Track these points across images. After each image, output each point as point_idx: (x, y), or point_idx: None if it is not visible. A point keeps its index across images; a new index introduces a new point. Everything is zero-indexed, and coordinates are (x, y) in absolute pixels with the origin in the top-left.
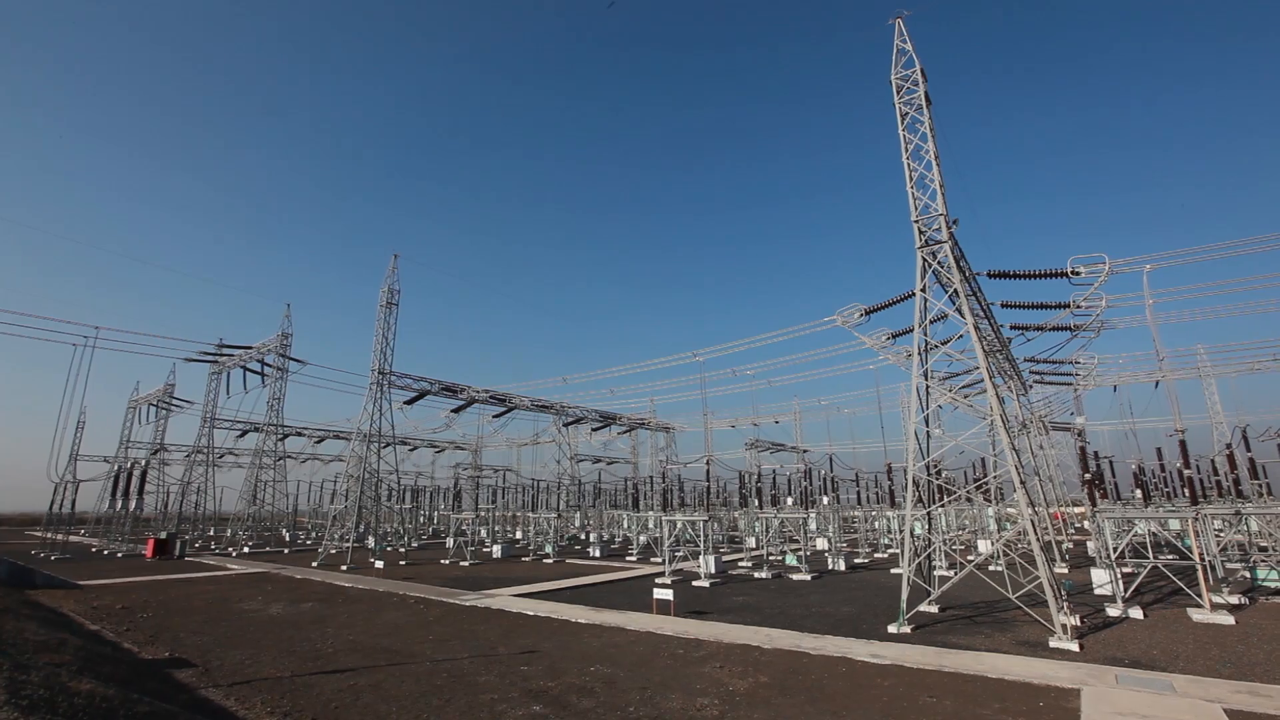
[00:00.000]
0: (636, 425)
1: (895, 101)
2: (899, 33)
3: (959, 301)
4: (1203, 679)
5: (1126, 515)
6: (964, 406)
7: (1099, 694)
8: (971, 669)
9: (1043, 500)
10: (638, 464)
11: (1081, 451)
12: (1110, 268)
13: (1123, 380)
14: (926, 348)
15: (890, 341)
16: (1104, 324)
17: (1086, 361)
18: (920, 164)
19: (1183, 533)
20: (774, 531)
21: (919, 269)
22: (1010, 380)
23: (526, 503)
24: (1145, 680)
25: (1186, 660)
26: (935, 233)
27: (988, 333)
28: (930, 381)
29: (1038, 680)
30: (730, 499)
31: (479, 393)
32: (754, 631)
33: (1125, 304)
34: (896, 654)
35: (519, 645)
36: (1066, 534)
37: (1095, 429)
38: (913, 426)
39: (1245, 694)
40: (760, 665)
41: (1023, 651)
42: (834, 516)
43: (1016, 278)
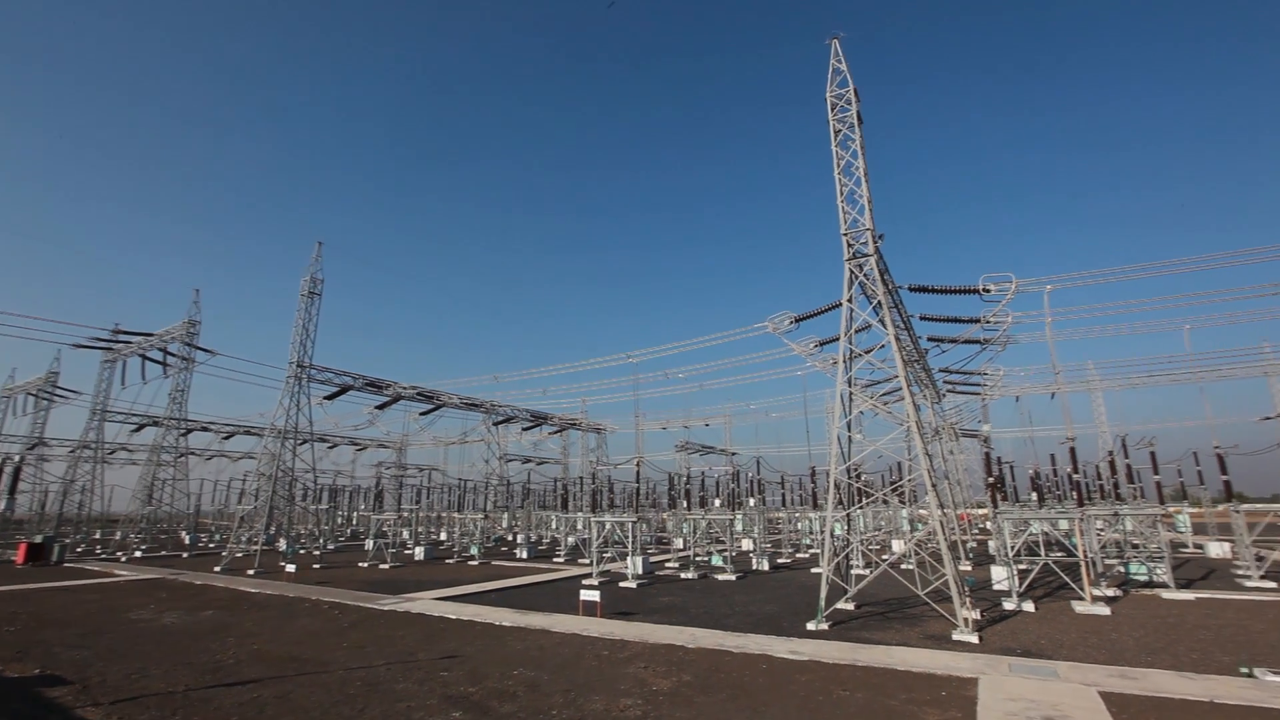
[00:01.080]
0: (568, 425)
1: (829, 118)
2: (835, 53)
3: (882, 313)
4: (1082, 665)
5: (1023, 516)
6: (883, 413)
7: (994, 682)
8: (882, 662)
9: (951, 502)
10: (568, 465)
11: (986, 457)
12: (1016, 287)
13: (1024, 391)
14: (851, 356)
15: (818, 349)
16: (1009, 339)
17: (993, 373)
18: (851, 180)
19: (1070, 532)
20: (701, 532)
21: (846, 280)
22: (926, 389)
23: (452, 503)
24: (1034, 668)
25: (1069, 648)
26: (862, 246)
27: (907, 344)
28: (853, 388)
29: (941, 671)
30: (659, 500)
31: (405, 389)
32: (679, 631)
33: (1028, 320)
34: (814, 650)
35: (440, 650)
36: (971, 534)
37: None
38: (835, 431)
39: (1117, 677)
40: (684, 664)
41: (929, 644)
42: (759, 518)
43: (934, 292)
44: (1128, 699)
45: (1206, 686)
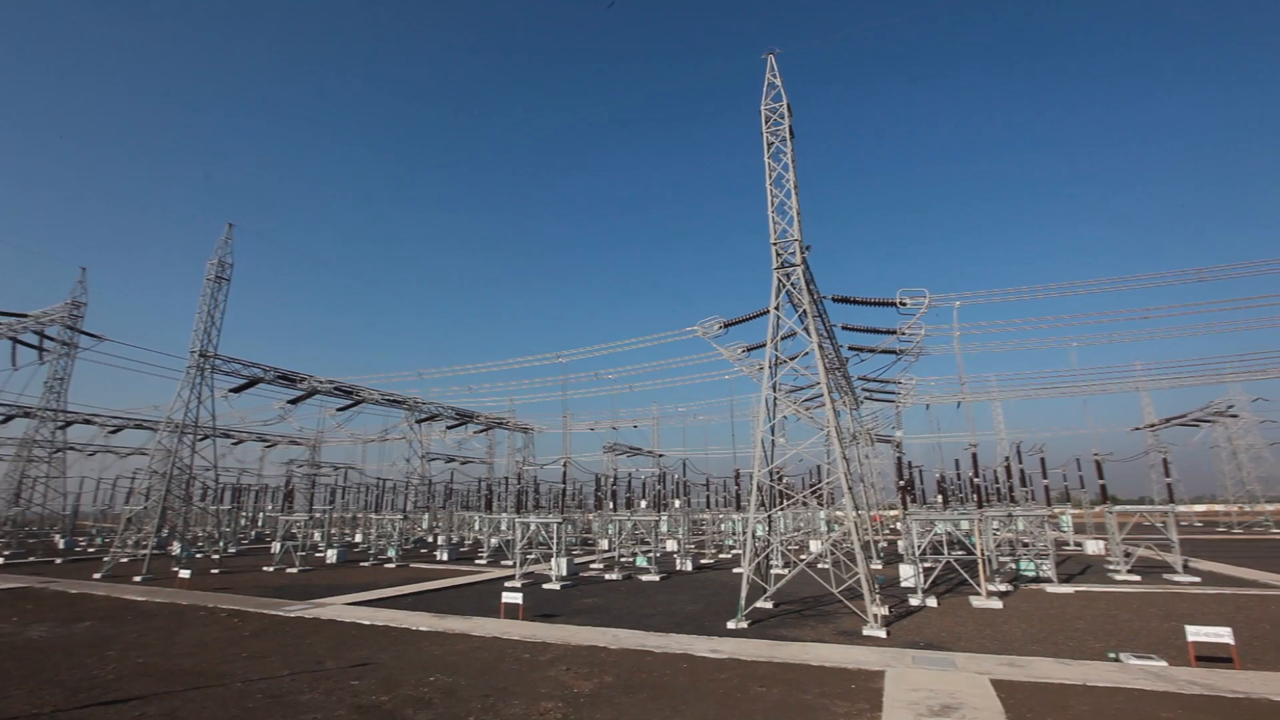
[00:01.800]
0: (494, 424)
1: (763, 131)
2: (770, 68)
3: (807, 321)
4: (977, 655)
5: (929, 517)
6: (806, 418)
7: (899, 674)
8: (798, 658)
9: (865, 504)
10: (493, 464)
11: (898, 461)
12: (929, 301)
13: (933, 400)
14: (776, 362)
15: (745, 354)
16: (922, 350)
17: (907, 382)
18: (781, 191)
19: (970, 532)
20: (627, 534)
21: (774, 288)
22: (845, 396)
23: (370, 503)
24: (935, 660)
25: (966, 640)
26: (790, 256)
27: (829, 352)
28: (778, 393)
29: (852, 665)
30: (586, 501)
31: (322, 383)
32: (601, 632)
33: (939, 334)
34: (734, 648)
35: (351, 658)
36: (883, 534)
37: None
38: (760, 435)
39: (1006, 665)
40: (606, 665)
41: (841, 640)
42: (684, 519)
43: (856, 303)
44: (1015, 685)
45: (1081, 671)
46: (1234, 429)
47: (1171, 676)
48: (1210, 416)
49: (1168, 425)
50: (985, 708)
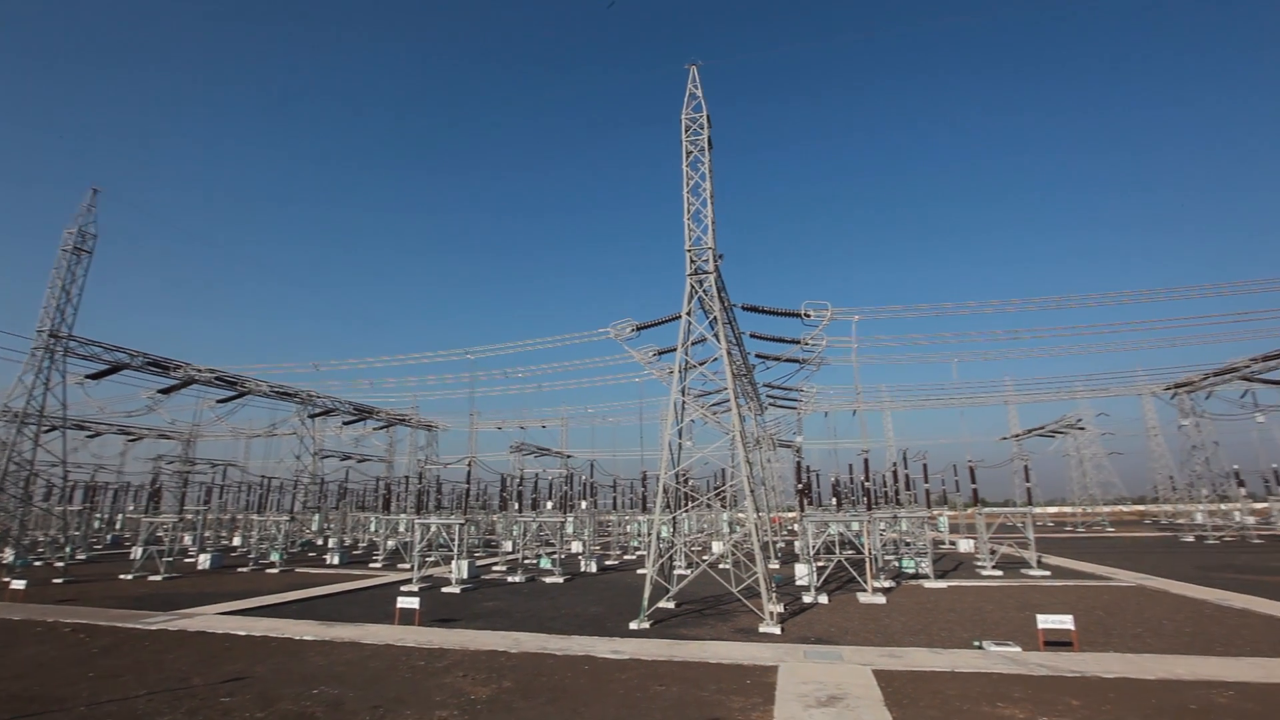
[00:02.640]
0: (396, 421)
1: (683, 139)
2: (692, 79)
3: (717, 328)
4: (862, 648)
5: (823, 519)
6: (712, 422)
7: (791, 668)
8: (697, 656)
9: (766, 506)
10: (393, 463)
11: (798, 466)
12: (831, 314)
13: (831, 408)
14: (686, 366)
15: (656, 358)
16: (823, 360)
17: (808, 390)
18: (698, 200)
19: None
20: (531, 535)
21: (686, 294)
22: (751, 401)
23: (252, 504)
24: (824, 653)
25: (853, 634)
26: (704, 264)
27: (737, 358)
28: (686, 397)
29: (748, 661)
30: (490, 502)
31: (200, 371)
32: (502, 636)
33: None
34: (635, 648)
35: (222, 672)
36: (781, 535)
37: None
38: (667, 437)
39: (887, 656)
40: (505, 670)
41: (739, 638)
42: (590, 521)
43: (764, 313)
44: (893, 674)
45: (950, 659)
46: (1081, 440)
47: (1024, 660)
48: (1063, 428)
49: (1029, 435)
50: (867, 696)
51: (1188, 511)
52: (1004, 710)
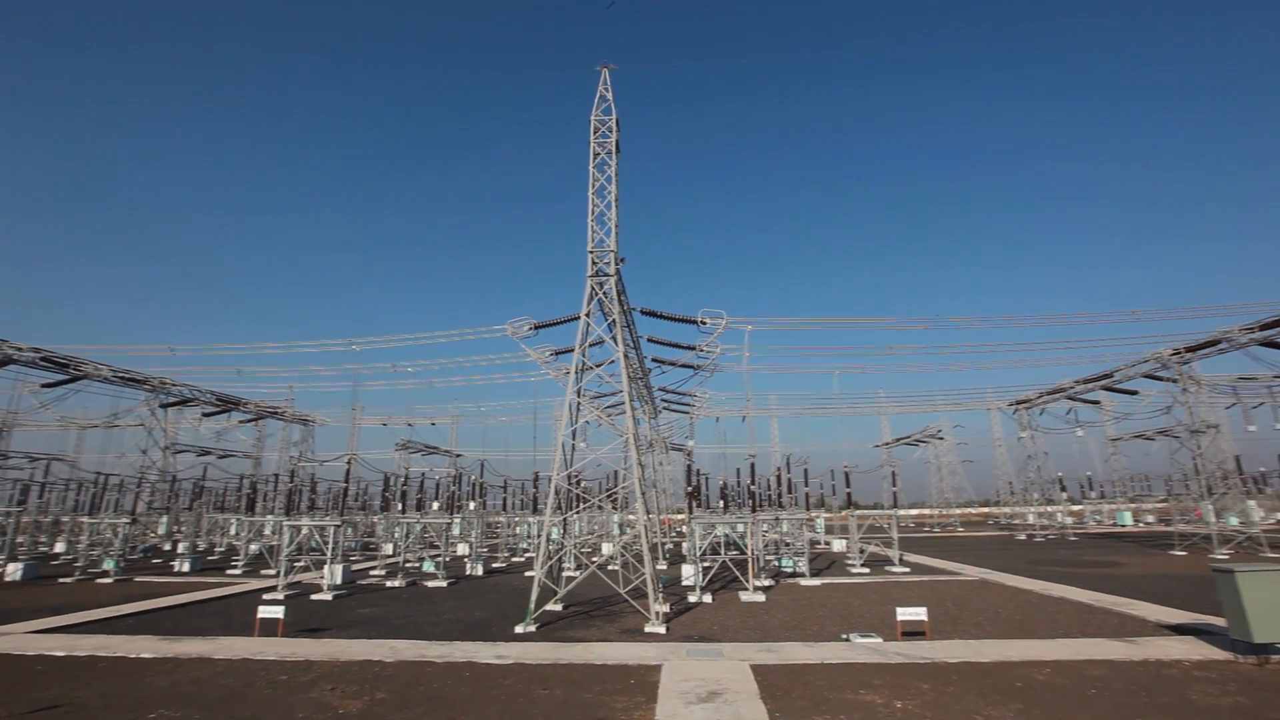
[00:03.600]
0: (267, 414)
1: (590, 140)
2: (603, 81)
3: (616, 330)
4: (741, 644)
5: (710, 521)
6: (607, 424)
7: (674, 666)
8: (583, 658)
9: (656, 508)
10: (261, 459)
11: (688, 469)
12: (727, 323)
13: (722, 413)
14: (583, 368)
15: (553, 358)
16: (716, 367)
17: (701, 395)
18: (603, 202)
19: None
20: (415, 537)
21: (586, 295)
22: (646, 405)
23: (84, 504)
24: (706, 651)
25: (734, 631)
26: (605, 265)
27: (634, 362)
28: (582, 399)
29: (632, 661)
30: (371, 503)
31: (20, 350)
32: (377, 645)
33: (733, 352)
34: (519, 653)
35: (33, 700)
36: (670, 537)
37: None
38: (561, 438)
39: (764, 651)
40: (380, 681)
41: (625, 638)
42: (479, 522)
43: (661, 318)
44: (769, 669)
45: (821, 652)
46: (940, 449)
47: (884, 650)
48: (925, 438)
49: (897, 444)
50: (744, 690)
51: (1022, 513)
52: (865, 697)
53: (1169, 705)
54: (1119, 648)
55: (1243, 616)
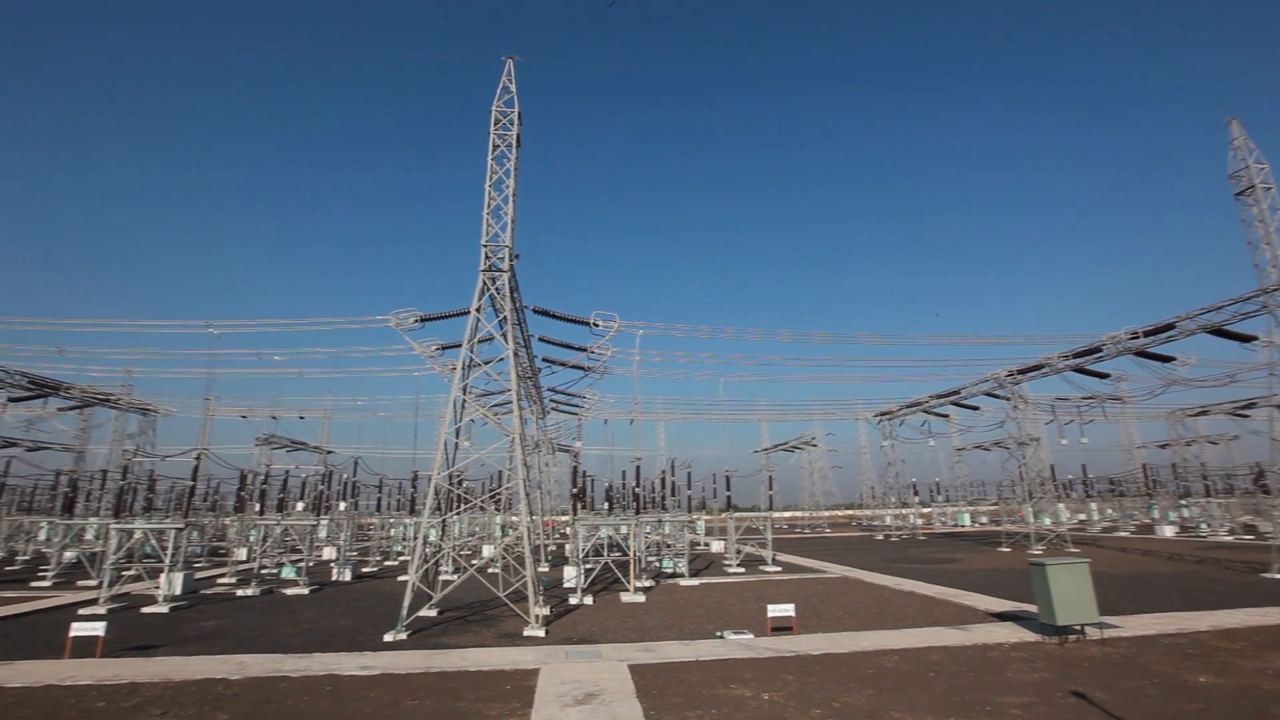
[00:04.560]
0: (96, 401)
1: (490, 131)
2: (507, 72)
3: (506, 328)
4: (620, 645)
5: (594, 522)
6: (493, 423)
7: (552, 669)
8: (456, 665)
9: (541, 510)
10: (86, 453)
11: (574, 470)
12: (619, 326)
13: (611, 416)
14: (471, 364)
15: (440, 352)
16: (607, 369)
17: (590, 397)
18: (500, 195)
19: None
20: (274, 540)
21: (478, 290)
22: (534, 405)
23: None
24: (585, 653)
25: (613, 632)
26: (499, 260)
27: (524, 360)
28: (468, 396)
29: (509, 666)
30: (224, 503)
31: None
32: (222, 661)
33: (624, 355)
34: (388, 662)
35: None
36: (554, 538)
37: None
38: (444, 436)
39: (642, 651)
40: (222, 701)
41: (502, 643)
42: (349, 524)
43: (554, 317)
44: (646, 668)
45: (696, 649)
46: (813, 455)
47: (755, 645)
48: (801, 445)
49: (775, 450)
50: (621, 690)
51: (881, 515)
52: (735, 691)
53: (991, 683)
54: (954, 635)
55: (1050, 603)
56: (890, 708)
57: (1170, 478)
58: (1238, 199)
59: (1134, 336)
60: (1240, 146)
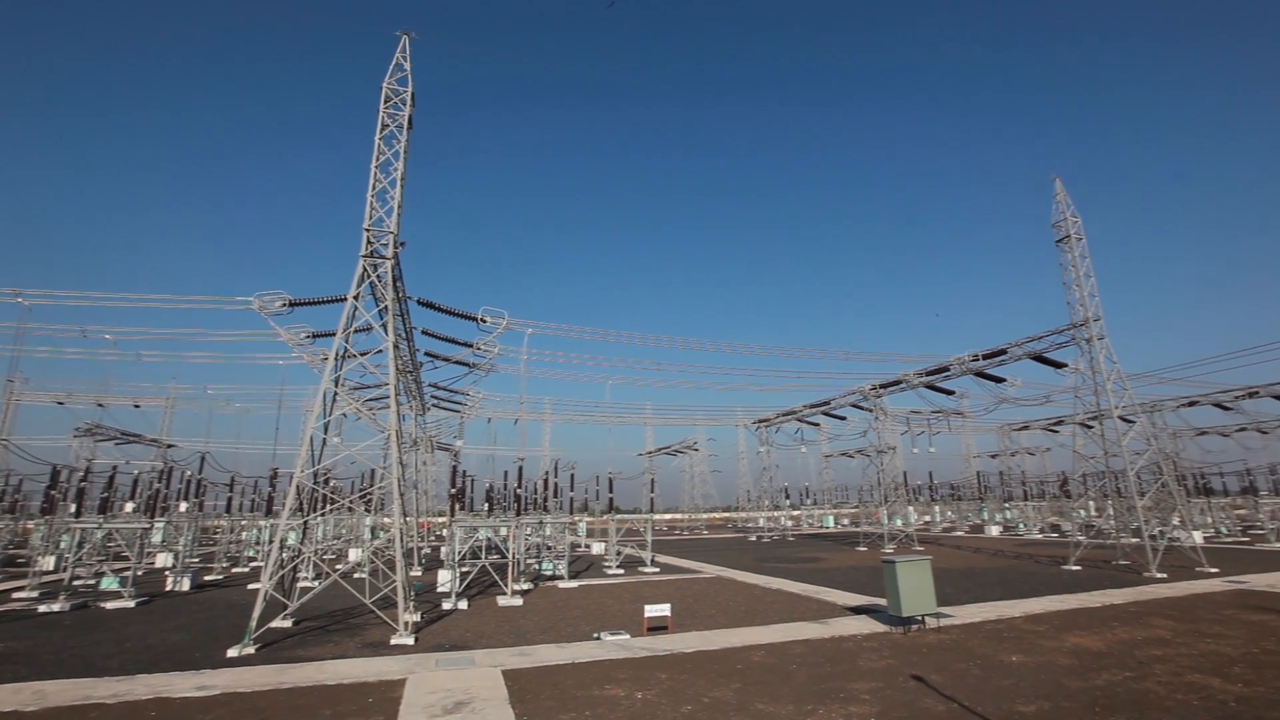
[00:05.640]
0: None
1: (380, 109)
2: (402, 48)
3: (387, 318)
4: (495, 650)
5: (473, 524)
6: (367, 418)
7: (421, 679)
8: (312, 680)
9: (416, 511)
10: None
11: (454, 470)
12: (507, 323)
13: (495, 415)
14: (345, 355)
15: (310, 340)
16: (493, 367)
17: (474, 394)
18: (386, 178)
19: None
20: (94, 546)
21: (357, 276)
22: (414, 400)
23: None
24: (457, 660)
25: (488, 637)
26: (382, 247)
27: (405, 354)
28: (340, 389)
29: (372, 678)
30: (27, 503)
31: None
32: (13, 691)
33: (511, 353)
34: (231, 680)
35: None
36: (429, 541)
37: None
38: (310, 431)
39: (517, 656)
40: None
41: (366, 653)
42: (191, 526)
43: (440, 310)
44: (521, 672)
45: (572, 652)
46: (694, 459)
47: (631, 646)
48: (683, 449)
49: (659, 453)
50: (493, 697)
51: (755, 517)
52: (610, 691)
53: (845, 671)
54: (815, 628)
55: (897, 597)
56: (755, 700)
57: (998, 484)
58: (1058, 245)
59: (975, 359)
60: (1061, 200)
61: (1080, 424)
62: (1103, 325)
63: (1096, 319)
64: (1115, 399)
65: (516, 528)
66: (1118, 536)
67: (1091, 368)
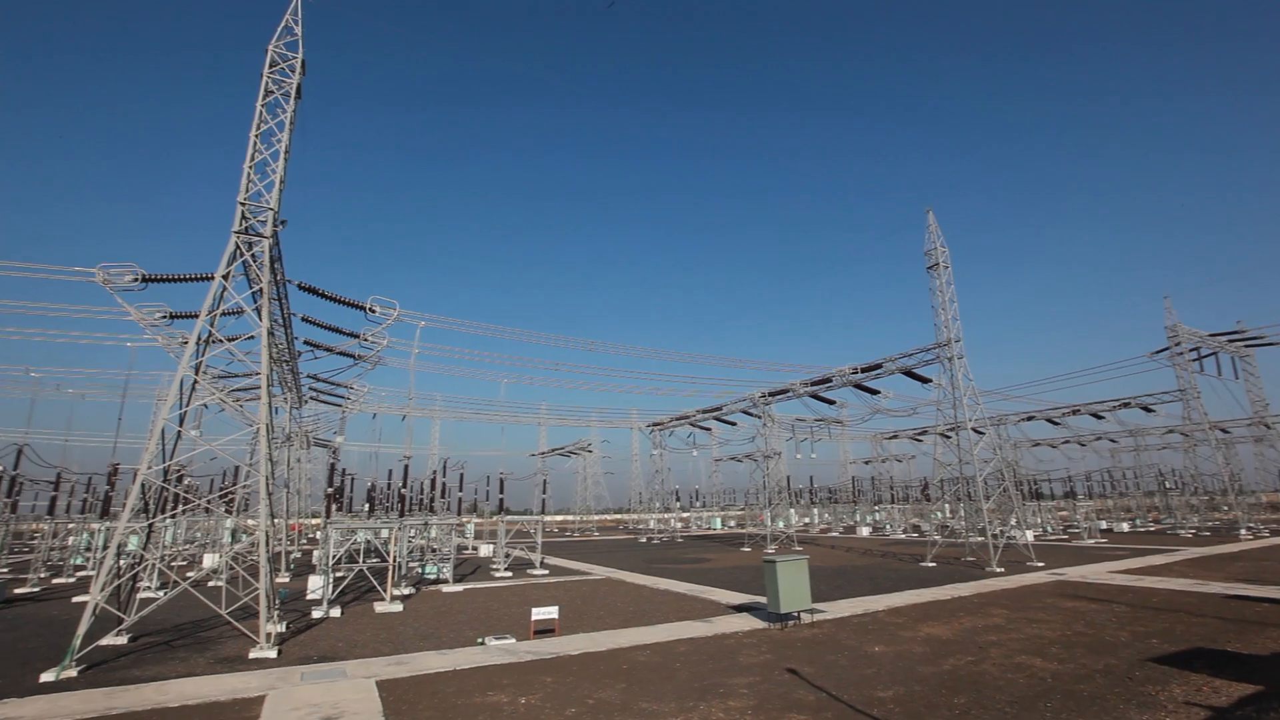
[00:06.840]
0: None
1: (264, 73)
2: (293, 9)
3: (262, 301)
4: (369, 660)
5: (351, 525)
6: (232, 410)
7: (282, 695)
8: (151, 702)
9: (286, 512)
10: None
11: (331, 468)
12: (398, 314)
13: (381, 410)
14: (209, 339)
15: (166, 321)
16: (380, 360)
17: (358, 388)
18: (268, 149)
19: (388, 540)
20: None
21: (228, 253)
22: (289, 392)
23: None
24: (325, 672)
25: (362, 646)
26: (259, 223)
27: (281, 342)
28: (201, 377)
29: (225, 697)
30: None
31: None
32: None
33: (401, 346)
34: (43, 709)
35: None
36: (300, 544)
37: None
38: (162, 422)
39: (394, 665)
40: None
41: (219, 669)
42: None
43: (324, 297)
44: (397, 683)
45: (454, 659)
46: (588, 460)
47: (517, 650)
48: (577, 450)
49: (552, 454)
50: (365, 711)
51: (646, 519)
52: (493, 697)
53: (726, 668)
54: (699, 627)
55: (777, 595)
56: (639, 699)
57: (870, 488)
58: (928, 271)
59: (855, 371)
60: (933, 231)
61: (940, 434)
62: (963, 346)
63: (958, 340)
64: (970, 412)
65: (400, 529)
66: (967, 536)
67: (952, 384)
